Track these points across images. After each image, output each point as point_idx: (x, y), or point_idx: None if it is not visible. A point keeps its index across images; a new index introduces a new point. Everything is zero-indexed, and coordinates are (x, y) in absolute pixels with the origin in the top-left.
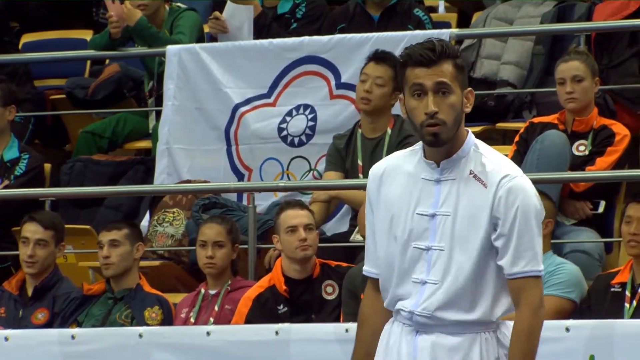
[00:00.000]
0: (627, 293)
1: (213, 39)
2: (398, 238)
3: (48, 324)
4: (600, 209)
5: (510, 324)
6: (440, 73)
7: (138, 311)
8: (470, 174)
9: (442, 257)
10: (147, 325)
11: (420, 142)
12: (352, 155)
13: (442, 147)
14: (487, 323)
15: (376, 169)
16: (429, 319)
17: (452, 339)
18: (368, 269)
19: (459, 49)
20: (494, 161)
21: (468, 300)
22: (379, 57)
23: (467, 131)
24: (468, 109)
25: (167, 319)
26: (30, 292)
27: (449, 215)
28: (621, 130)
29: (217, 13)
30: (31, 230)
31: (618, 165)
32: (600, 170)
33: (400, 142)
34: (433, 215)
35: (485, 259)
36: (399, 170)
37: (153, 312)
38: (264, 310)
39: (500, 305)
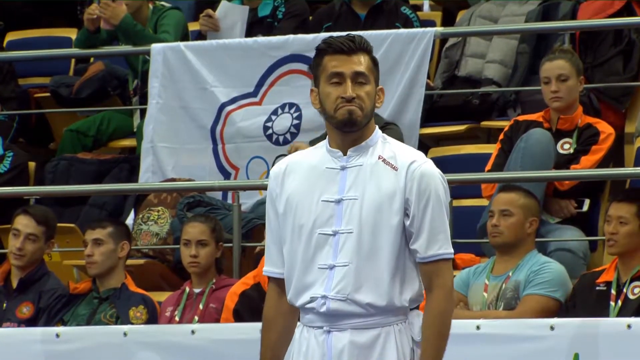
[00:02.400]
0: (613, 292)
1: (201, 36)
2: (302, 227)
3: (32, 319)
4: (585, 208)
5: (417, 312)
6: (358, 62)
7: (123, 310)
8: (379, 158)
9: (351, 240)
10: (132, 324)
11: (325, 140)
12: None
13: (351, 135)
14: (398, 309)
15: (278, 167)
16: (344, 302)
17: (367, 334)
18: (269, 269)
19: (445, 48)
20: (403, 149)
21: (379, 282)
22: None
23: (376, 126)
24: (379, 105)
25: (152, 319)
26: (15, 283)
27: (356, 199)
28: (606, 129)
29: (209, 11)
30: (23, 223)
31: (603, 163)
32: (585, 168)
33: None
34: (339, 201)
35: (395, 241)
36: (301, 165)
37: (138, 311)
38: (250, 307)
39: (409, 289)
